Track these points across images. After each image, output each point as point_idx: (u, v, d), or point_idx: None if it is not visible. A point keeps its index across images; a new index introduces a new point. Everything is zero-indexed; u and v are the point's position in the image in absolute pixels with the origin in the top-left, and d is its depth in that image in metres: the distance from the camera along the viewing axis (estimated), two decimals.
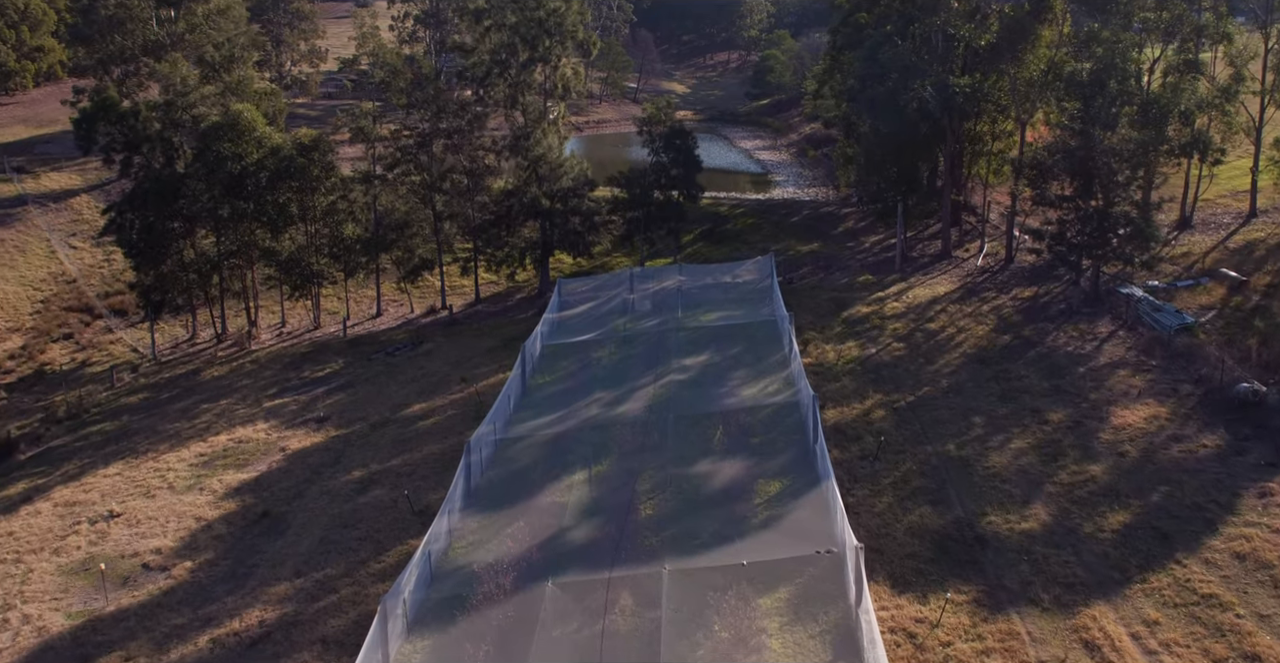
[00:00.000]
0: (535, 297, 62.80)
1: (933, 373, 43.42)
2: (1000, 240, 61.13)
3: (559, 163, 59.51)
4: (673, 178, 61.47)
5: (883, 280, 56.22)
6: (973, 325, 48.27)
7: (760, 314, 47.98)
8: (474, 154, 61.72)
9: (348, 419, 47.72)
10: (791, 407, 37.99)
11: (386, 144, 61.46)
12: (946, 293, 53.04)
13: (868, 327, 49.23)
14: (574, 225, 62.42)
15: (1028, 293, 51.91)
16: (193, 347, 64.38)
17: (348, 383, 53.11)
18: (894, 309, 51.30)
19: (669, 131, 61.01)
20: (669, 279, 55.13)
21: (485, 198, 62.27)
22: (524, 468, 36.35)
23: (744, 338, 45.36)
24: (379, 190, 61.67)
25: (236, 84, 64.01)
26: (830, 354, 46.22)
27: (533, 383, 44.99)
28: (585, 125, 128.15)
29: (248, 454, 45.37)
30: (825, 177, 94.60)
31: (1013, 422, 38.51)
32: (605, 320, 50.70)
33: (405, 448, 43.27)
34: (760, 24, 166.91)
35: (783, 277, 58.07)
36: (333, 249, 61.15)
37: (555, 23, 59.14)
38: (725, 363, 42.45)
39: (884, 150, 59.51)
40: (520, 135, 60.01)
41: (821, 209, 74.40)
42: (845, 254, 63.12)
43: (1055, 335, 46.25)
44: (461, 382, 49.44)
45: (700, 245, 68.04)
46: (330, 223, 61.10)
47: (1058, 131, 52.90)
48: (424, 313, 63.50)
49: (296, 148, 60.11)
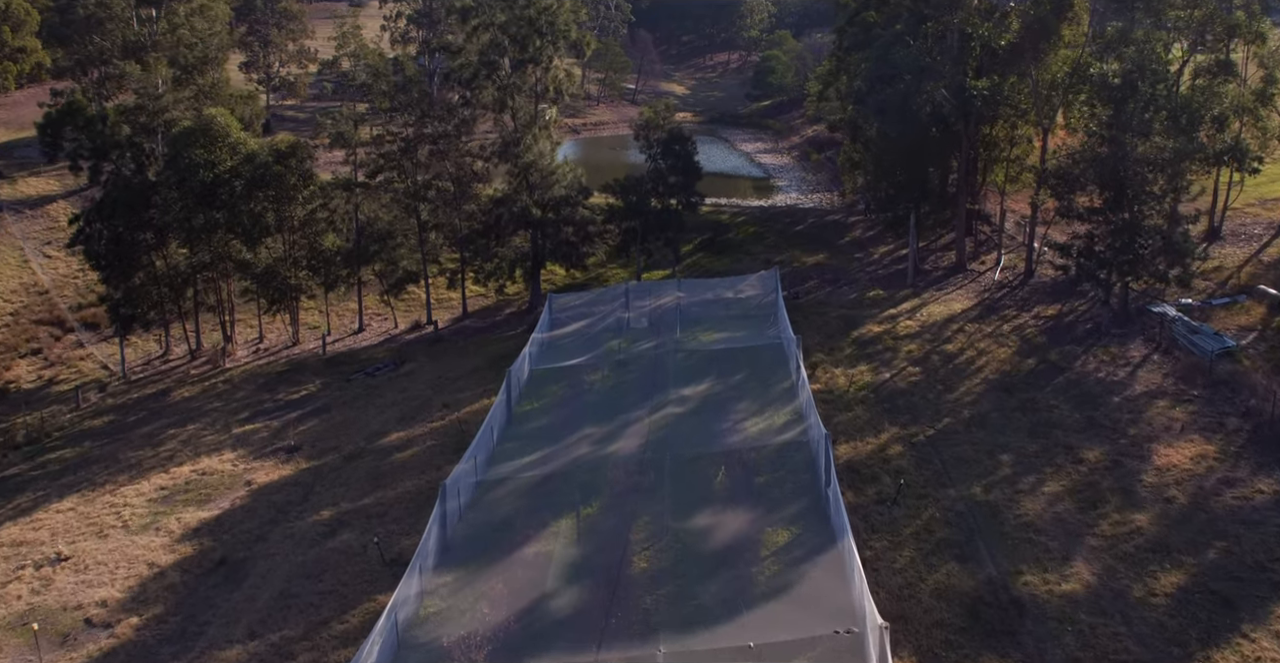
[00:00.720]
0: (526, 311, 58.98)
1: (953, 402, 39.57)
2: (1018, 252, 57.23)
3: (550, 170, 55.65)
4: (671, 185, 57.61)
5: (894, 296, 52.37)
6: (994, 347, 44.41)
7: (765, 336, 44.11)
8: (461, 160, 57.86)
9: (320, 449, 43.89)
10: (800, 443, 34.17)
11: (369, 150, 57.59)
12: (963, 310, 49.18)
13: (880, 348, 45.38)
14: (567, 236, 58.57)
15: (1051, 311, 48.04)
16: (165, 363, 60.55)
17: (324, 407, 49.26)
18: (908, 328, 47.44)
19: (667, 137, 57.14)
20: (667, 295, 51.26)
21: (473, 207, 58.41)
22: (505, 515, 32.46)
23: (747, 363, 41.50)
24: (361, 199, 57.80)
25: (210, 87, 60.10)
26: (840, 379, 42.37)
27: (519, 411, 41.16)
28: (582, 127, 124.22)
29: (210, 489, 41.55)
30: (829, 181, 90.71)
31: (1044, 460, 34.67)
32: (598, 341, 46.82)
33: (380, 484, 39.43)
34: (761, 24, 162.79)
35: (788, 291, 54.20)
36: (311, 261, 57.30)
37: (547, 22, 55.24)
38: (727, 392, 38.59)
39: (894, 156, 55.65)
40: (510, 141, 56.13)
41: (827, 217, 70.52)
42: (853, 266, 59.25)
43: (1084, 359, 42.39)
44: (443, 408, 45.60)
45: (700, 256, 64.16)
46: (309, 233, 57.24)
47: (1082, 137, 49.03)
48: (408, 328, 59.65)
49: (273, 155, 56.22)
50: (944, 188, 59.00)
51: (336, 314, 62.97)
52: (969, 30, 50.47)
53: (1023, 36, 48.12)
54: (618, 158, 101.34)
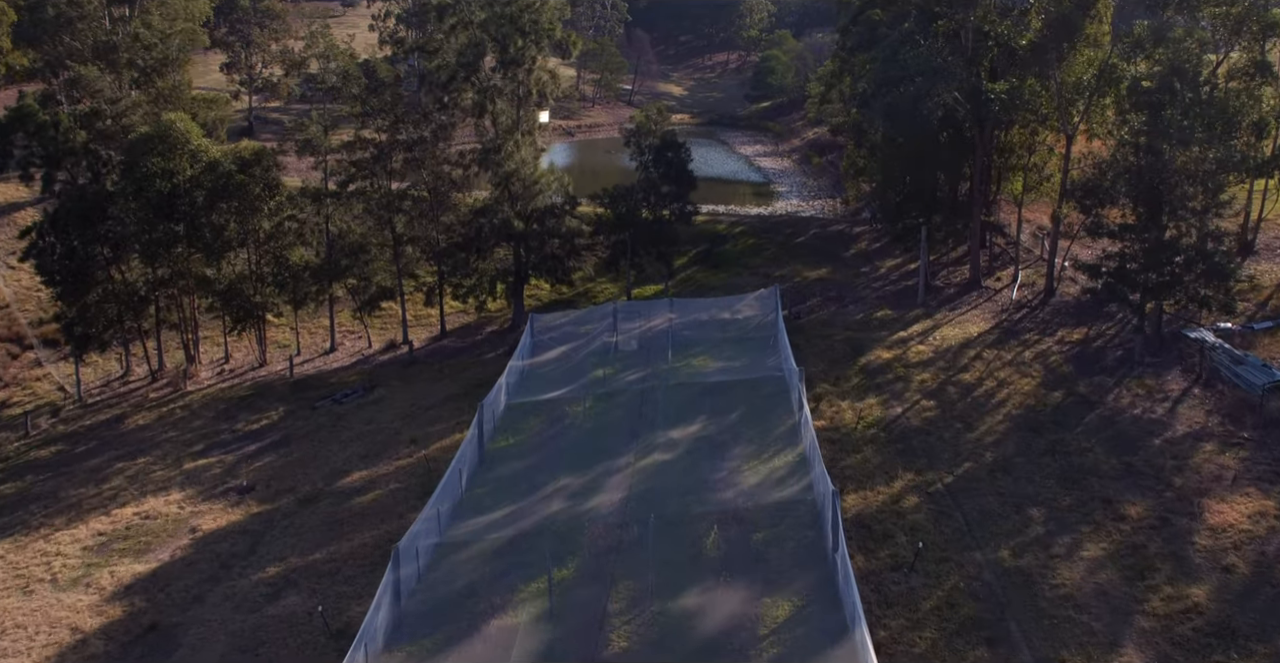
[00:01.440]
0: (508, 330, 54.60)
1: (973, 443, 35.18)
2: (1035, 267, 52.83)
3: (534, 179, 51.24)
4: (663, 195, 53.21)
5: (904, 316, 47.95)
6: (1015, 378, 40.02)
7: (764, 366, 39.78)
8: (439, 169, 53.46)
9: (274, 490, 39.53)
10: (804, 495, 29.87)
11: (339, 157, 53.21)
12: (980, 334, 44.78)
13: (890, 378, 40.97)
14: (552, 249, 54.18)
15: (1076, 335, 43.63)
16: (125, 385, 56.19)
17: (284, 439, 44.89)
18: (920, 354, 43.04)
19: (659, 143, 52.71)
20: (658, 316, 46.91)
21: (452, 218, 54.03)
22: (468, 583, 28.15)
23: (745, 398, 37.18)
24: (332, 210, 53.41)
25: (170, 90, 55.69)
26: (847, 414, 37.97)
27: (492, 449, 36.91)
28: (577, 130, 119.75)
29: (151, 536, 37.21)
30: (832, 187, 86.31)
31: (1080, 516, 30.29)
32: (582, 369, 42.50)
33: (335, 534, 35.06)
34: (761, 24, 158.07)
35: (788, 310, 49.82)
36: (277, 277, 52.91)
37: (529, 20, 50.85)
38: (722, 434, 34.24)
39: (902, 163, 51.24)
40: (490, 148, 51.72)
41: (830, 227, 66.08)
42: (859, 282, 54.83)
43: (1117, 393, 37.99)
44: (411, 443, 41.23)
45: (695, 270, 59.75)
46: (275, 247, 52.86)
47: (1107, 145, 44.61)
48: (383, 348, 55.25)
49: (236, 163, 51.84)
50: (955, 197, 54.58)
51: (309, 331, 58.61)
52: (986, 28, 46.05)
53: (1044, 35, 43.65)
54: (613, 162, 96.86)
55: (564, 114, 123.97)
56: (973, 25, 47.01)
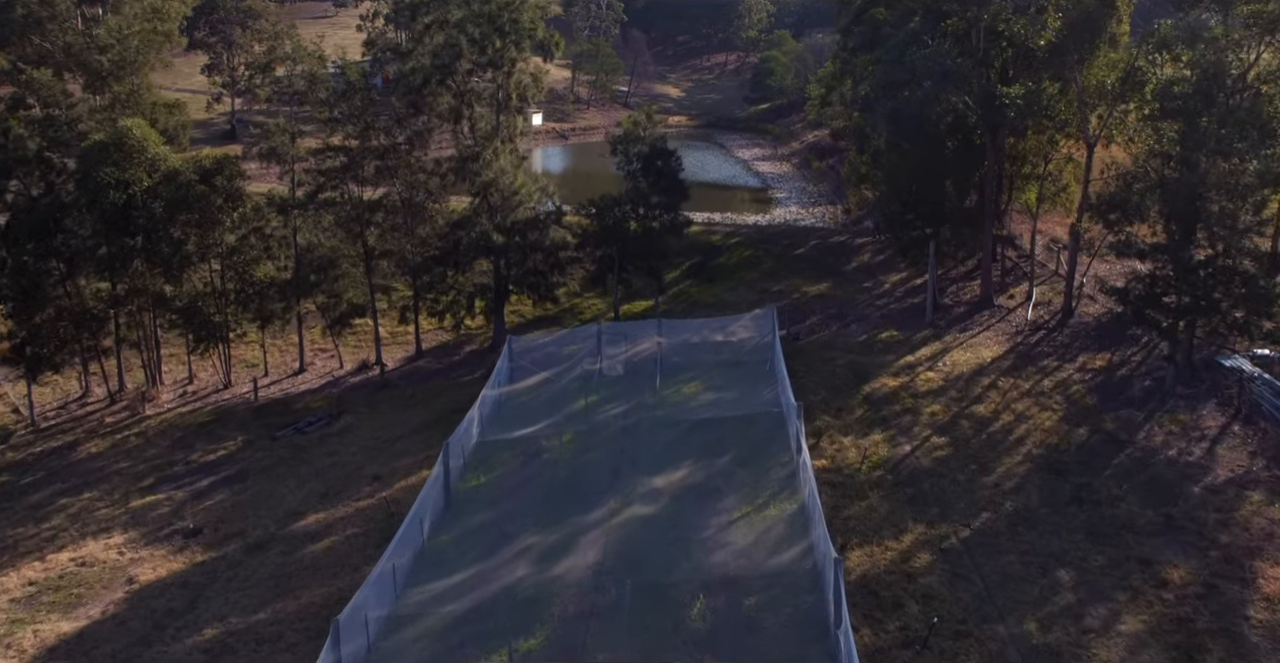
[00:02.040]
0: (487, 350, 50.83)
1: (990, 488, 31.40)
2: (1051, 284, 49.00)
3: (514, 189, 47.45)
4: (653, 206, 49.40)
5: (911, 338, 44.15)
6: (1035, 411, 36.21)
7: (759, 399, 35.97)
8: (413, 178, 49.69)
9: (223, 534, 35.83)
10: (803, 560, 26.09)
11: (307, 166, 49.49)
12: (994, 359, 40.96)
13: (897, 409, 37.18)
14: (535, 263, 50.40)
15: (1099, 361, 39.82)
16: (83, 407, 52.43)
17: (239, 474, 41.17)
18: (929, 382, 39.24)
19: (649, 150, 48.89)
20: (645, 339, 43.08)
21: (428, 230, 50.26)
22: None
23: (737, 436, 33.37)
24: (299, 222, 49.66)
25: (128, 95, 51.88)
26: (851, 452, 34.19)
27: (461, 488, 33.19)
28: (571, 133, 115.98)
29: (85, 587, 33.54)
30: (832, 192, 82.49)
31: (1115, 580, 26.52)
32: (561, 400, 38.72)
33: (282, 588, 31.33)
34: (760, 24, 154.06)
35: (786, 330, 46.03)
36: (240, 294, 49.17)
37: (509, 19, 47.06)
38: (711, 482, 30.42)
39: (907, 172, 47.37)
40: (467, 156, 47.94)
41: (830, 238, 62.24)
42: (862, 299, 51.02)
43: (1148, 430, 34.20)
44: (374, 481, 37.50)
45: (688, 285, 55.94)
46: (238, 262, 49.11)
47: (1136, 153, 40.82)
48: (354, 369, 51.50)
49: (197, 172, 48.09)
50: (964, 208, 50.69)
51: (279, 349, 54.87)
52: (999, 28, 42.23)
53: (1064, 35, 39.80)
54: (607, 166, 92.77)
55: (557, 116, 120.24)
56: (985, 24, 43.19)
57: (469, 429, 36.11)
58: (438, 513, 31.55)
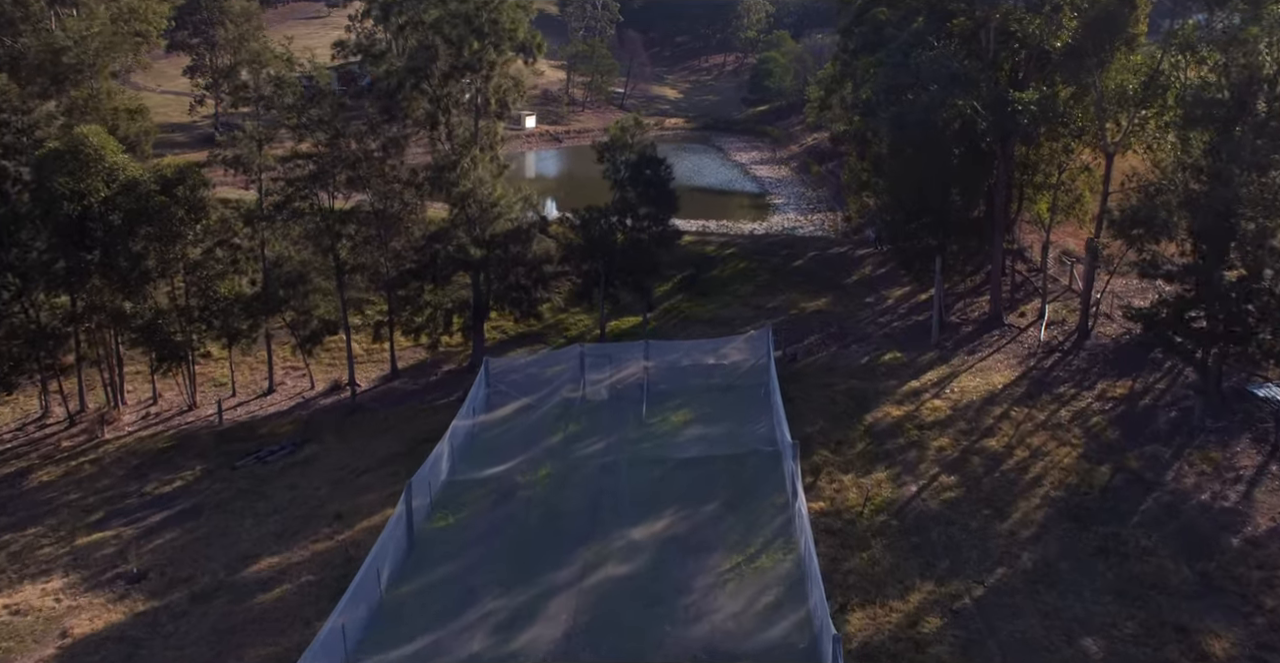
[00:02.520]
0: (466, 369, 47.71)
1: (1005, 538, 28.24)
2: (1064, 300, 45.84)
3: (493, 200, 44.32)
4: (641, 218, 46.27)
5: (916, 361, 40.99)
6: (1051, 446, 33.05)
7: (752, 432, 32.85)
8: (388, 188, 46.58)
9: (169, 579, 32.70)
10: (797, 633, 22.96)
11: (275, 175, 46.41)
12: (1005, 386, 37.80)
13: (902, 443, 34.03)
14: (517, 278, 47.29)
15: (1120, 388, 36.62)
16: (41, 429, 49.34)
17: (194, 508, 38.08)
18: (935, 411, 36.07)
19: (637, 159, 45.75)
20: (631, 362, 39.94)
21: (403, 243, 47.16)
22: None
23: (727, 478, 30.25)
24: (266, 235, 46.57)
25: (86, 100, 48.74)
26: (851, 493, 31.04)
27: (427, 528, 30.18)
28: (565, 135, 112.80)
29: (15, 641, 30.43)
30: (832, 198, 79.34)
31: (1150, 653, 23.34)
32: (538, 432, 35.61)
33: (223, 647, 28.17)
34: (759, 25, 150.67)
35: (783, 351, 42.93)
36: (204, 312, 46.09)
37: (488, 19, 43.94)
38: (696, 534, 27.26)
39: (913, 182, 44.17)
40: (443, 165, 44.82)
41: (830, 249, 59.05)
42: (863, 316, 47.85)
43: (1177, 469, 31.05)
44: (335, 520, 34.35)
45: (680, 299, 52.78)
46: (202, 277, 46.02)
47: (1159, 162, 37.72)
48: (326, 390, 48.39)
49: (158, 182, 45.01)
50: (971, 219, 47.49)
51: (249, 366, 51.78)
52: (1012, 28, 39.05)
53: (1082, 36, 36.59)
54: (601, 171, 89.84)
55: (552, 119, 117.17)
56: (995, 25, 40.00)
57: (438, 464, 33.07)
58: (398, 560, 28.49)
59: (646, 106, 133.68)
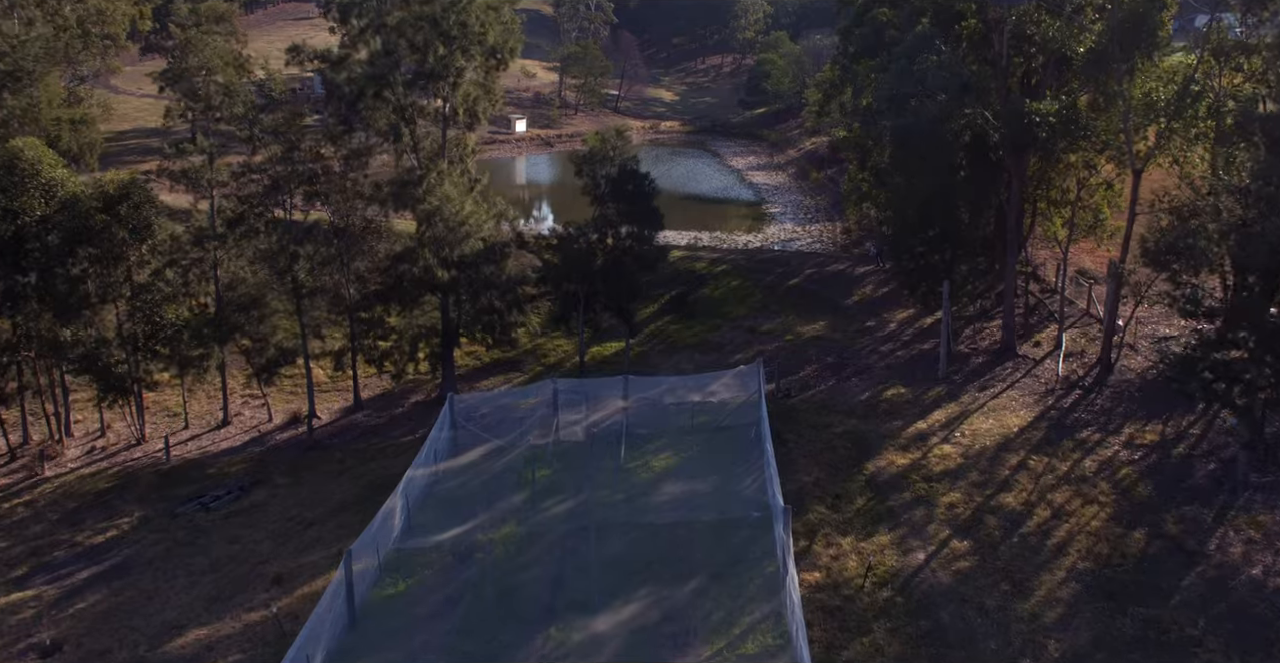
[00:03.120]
0: (434, 400, 43.77)
1: (1028, 621, 24.31)
2: (1082, 327, 41.86)
3: (461, 219, 40.36)
4: (623, 238, 42.33)
5: (921, 397, 37.04)
6: (1076, 503, 29.10)
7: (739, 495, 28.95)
8: (348, 205, 42.68)
9: (84, 653, 28.80)
10: None
11: (227, 192, 42.53)
12: (1021, 428, 33.83)
13: (908, 497, 30.07)
14: (490, 301, 43.37)
15: (1149, 434, 32.65)
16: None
17: (124, 564, 34.16)
18: (945, 459, 32.12)
19: (619, 173, 41.79)
20: (609, 400, 36.05)
21: (366, 264, 43.28)
22: None
23: (709, 549, 26.32)
24: (219, 256, 42.67)
25: (24, 110, 44.81)
26: (851, 561, 27.10)
27: (375, 597, 26.46)
28: (557, 140, 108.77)
29: None
30: (830, 207, 75.32)
31: None
32: (502, 484, 31.73)
33: None
34: (757, 25, 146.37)
35: (776, 385, 39.01)
36: (150, 340, 42.19)
37: (455, 22, 40.00)
38: (668, 625, 23.27)
39: (918, 199, 40.25)
40: (407, 181, 40.89)
41: (828, 266, 55.05)
42: (864, 343, 43.89)
43: (1221, 535, 27.10)
44: (274, 584, 30.43)
45: (666, 322, 48.81)
46: (146, 303, 42.12)
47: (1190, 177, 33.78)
48: (284, 422, 44.46)
49: (99, 199, 41.12)
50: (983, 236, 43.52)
51: (206, 394, 47.82)
52: (1029, 32, 35.06)
53: (1108, 39, 32.58)
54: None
55: (543, 123, 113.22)
56: (1009, 27, 36.01)
57: (389, 521, 29.25)
58: (337, 636, 24.68)
59: (641, 109, 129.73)
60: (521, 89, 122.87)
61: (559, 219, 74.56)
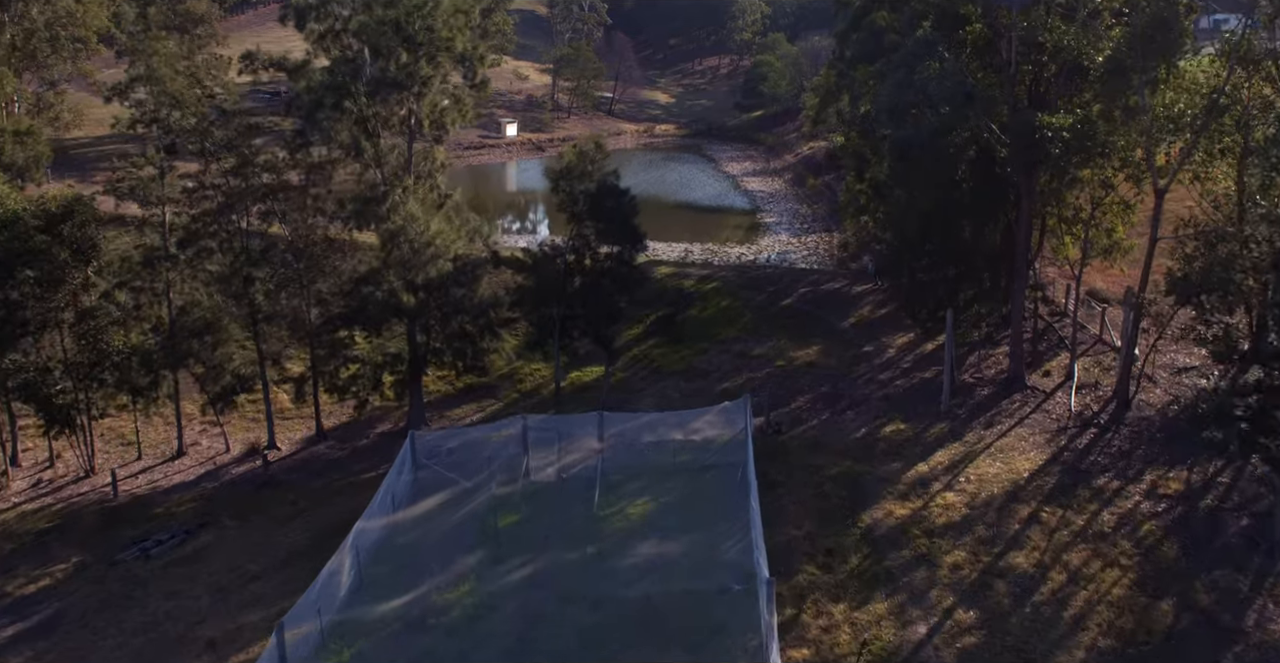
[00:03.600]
0: (401, 431, 40.64)
1: None
2: (1095, 354, 38.73)
3: (427, 240, 37.23)
4: (600, 259, 39.20)
5: (922, 435, 33.91)
6: (1095, 567, 25.98)
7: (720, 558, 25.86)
8: (309, 223, 39.63)
9: None
10: None
11: (178, 208, 39.48)
12: (1032, 473, 30.69)
13: (907, 556, 26.96)
14: (460, 327, 40.29)
15: (1173, 482, 29.49)
16: None
17: (54, 619, 31.07)
18: (948, 510, 29.00)
19: (597, 189, 38.65)
20: (583, 439, 33.00)
21: (329, 285, 40.24)
22: None
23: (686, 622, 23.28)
24: (172, 277, 39.61)
25: None
26: (843, 635, 24.00)
27: None
28: (548, 144, 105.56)
29: None
30: (828, 215, 72.16)
31: None
32: (463, 536, 28.74)
33: None
34: (754, 26, 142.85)
35: (765, 419, 35.89)
36: (95, 368, 39.15)
37: (420, 27, 36.90)
38: None
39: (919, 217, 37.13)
40: (369, 198, 37.78)
41: (824, 284, 51.88)
42: (861, 370, 40.77)
43: (1260, 607, 23.97)
44: (208, 648, 27.35)
45: (650, 345, 45.67)
46: (92, 329, 39.06)
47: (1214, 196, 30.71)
48: (241, 454, 41.39)
49: (40, 218, 38.07)
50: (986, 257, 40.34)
51: (163, 420, 44.69)
52: (1041, 39, 31.88)
53: (1129, 47, 29.41)
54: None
55: (534, 126, 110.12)
56: (1019, 33, 32.83)
57: (333, 581, 26.23)
58: None
59: (636, 112, 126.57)
60: (514, 92, 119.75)
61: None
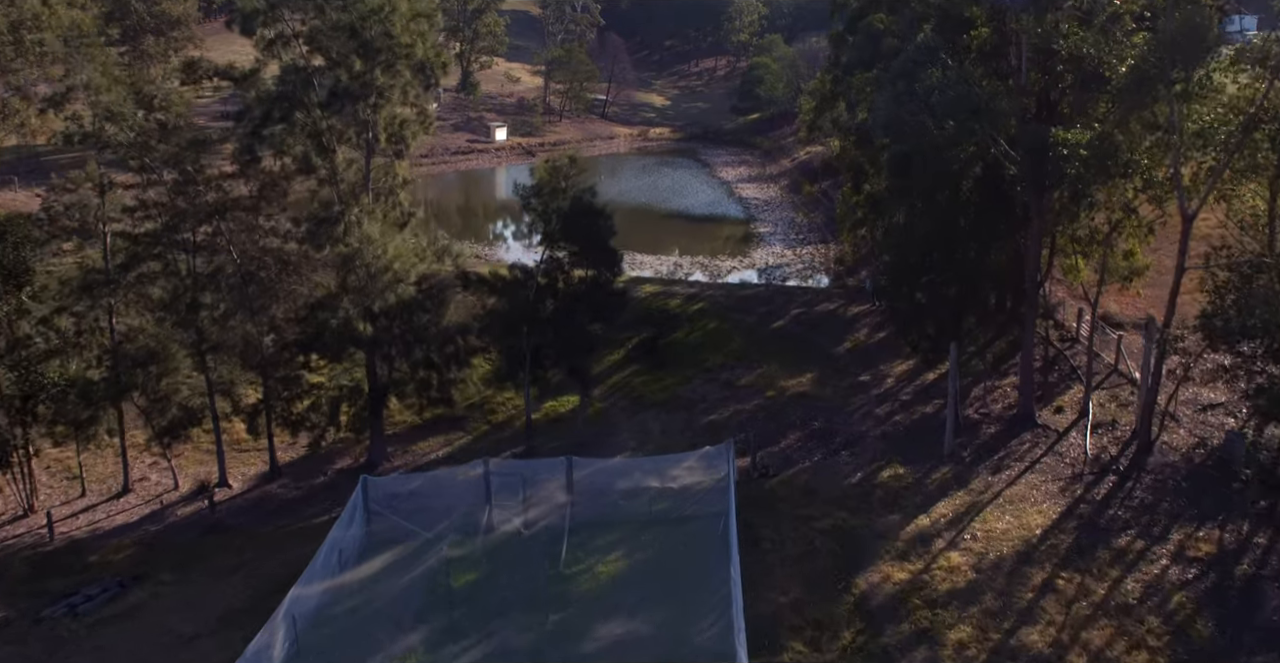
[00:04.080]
0: (362, 466, 37.46)
1: None
2: (1111, 386, 35.47)
3: (385, 264, 33.99)
4: (574, 284, 35.99)
5: (924, 481, 30.68)
6: (1120, 648, 22.71)
7: (693, 640, 22.70)
8: (261, 244, 36.44)
9: None
10: None
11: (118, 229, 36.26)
12: (1045, 530, 27.44)
13: (906, 632, 23.74)
14: (424, 355, 37.10)
15: (1205, 543, 26.22)
16: None
17: None
18: (952, 574, 25.77)
19: (570, 208, 35.42)
20: (550, 488, 29.83)
21: (284, 310, 37.04)
22: None
23: None
24: (114, 303, 36.43)
25: None
26: None
27: None
28: (539, 148, 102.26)
29: None
30: (824, 225, 68.95)
31: None
32: (407, 605, 25.55)
33: None
34: (751, 27, 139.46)
35: (751, 461, 32.68)
36: (29, 402, 35.97)
37: (378, 33, 33.71)
38: None
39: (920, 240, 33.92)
40: (323, 218, 34.56)
41: (817, 305, 48.55)
42: (857, 402, 37.50)
43: None
44: None
45: (631, 372, 42.40)
46: (22, 359, 35.87)
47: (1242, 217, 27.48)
48: (190, 492, 38.17)
49: None
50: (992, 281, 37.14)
51: (113, 452, 41.50)
52: (1057, 46, 28.60)
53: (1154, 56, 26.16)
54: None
55: (525, 130, 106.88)
56: (1029, 40, 29.57)
57: (265, 654, 23.12)
58: None
59: (630, 115, 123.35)
60: (505, 94, 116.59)
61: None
